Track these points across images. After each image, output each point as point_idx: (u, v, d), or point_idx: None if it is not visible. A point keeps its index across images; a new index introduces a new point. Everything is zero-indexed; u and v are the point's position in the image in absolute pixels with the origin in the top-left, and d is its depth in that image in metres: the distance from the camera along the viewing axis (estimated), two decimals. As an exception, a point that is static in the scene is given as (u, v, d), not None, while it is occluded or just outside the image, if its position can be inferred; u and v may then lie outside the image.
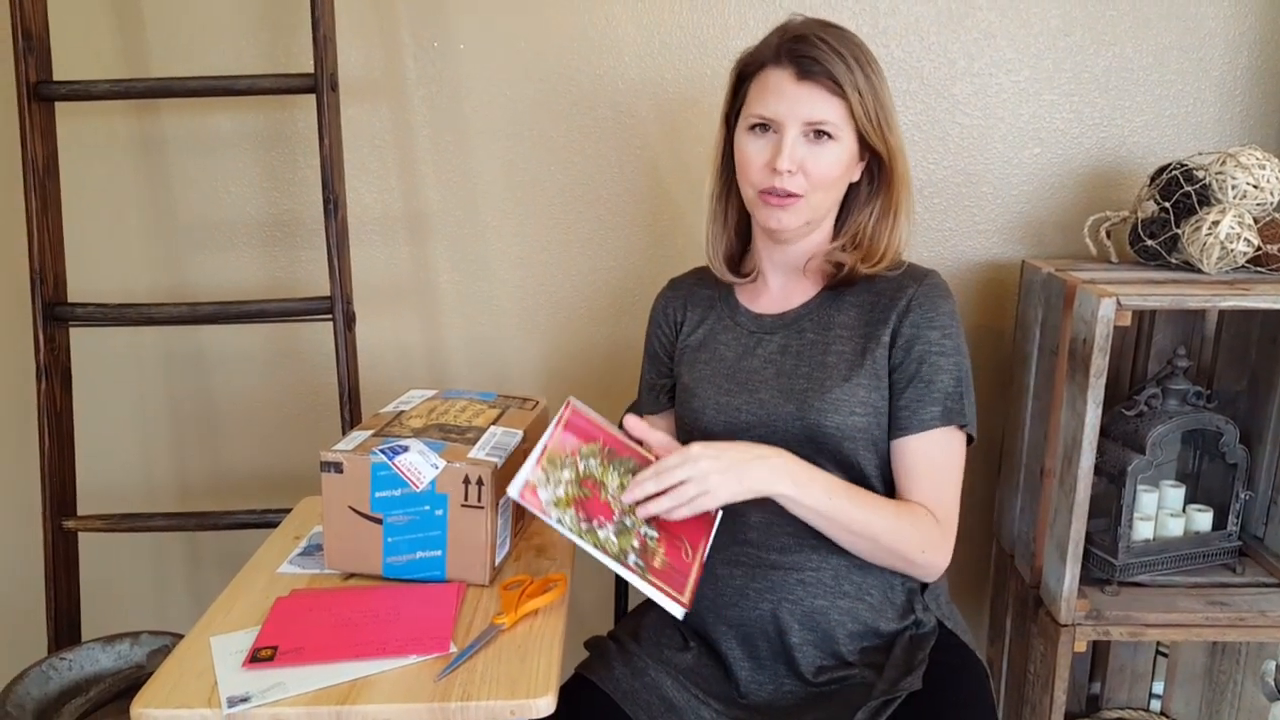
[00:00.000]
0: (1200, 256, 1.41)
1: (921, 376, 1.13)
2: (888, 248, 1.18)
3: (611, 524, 0.99)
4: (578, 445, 1.02)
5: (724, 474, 1.00)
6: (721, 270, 1.25)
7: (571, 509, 0.97)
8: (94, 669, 1.47)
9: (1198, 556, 1.52)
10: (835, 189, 1.15)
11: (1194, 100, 1.62)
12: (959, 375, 1.14)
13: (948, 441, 1.14)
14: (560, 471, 0.99)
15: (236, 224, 1.69)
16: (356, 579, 1.16)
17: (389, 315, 1.73)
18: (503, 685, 0.95)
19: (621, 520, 1.00)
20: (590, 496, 0.99)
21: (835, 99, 1.09)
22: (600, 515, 0.98)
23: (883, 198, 1.18)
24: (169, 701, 0.92)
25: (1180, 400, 1.48)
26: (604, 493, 1.00)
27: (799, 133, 1.10)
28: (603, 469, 1.02)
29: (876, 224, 1.18)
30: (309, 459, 1.77)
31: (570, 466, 1.00)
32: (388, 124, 1.65)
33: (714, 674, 1.16)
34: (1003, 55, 1.61)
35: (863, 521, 1.08)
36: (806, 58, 1.09)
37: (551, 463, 0.98)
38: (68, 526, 1.58)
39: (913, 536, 1.10)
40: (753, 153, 1.13)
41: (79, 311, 1.56)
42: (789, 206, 1.12)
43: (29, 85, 1.47)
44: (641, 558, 0.98)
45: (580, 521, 0.97)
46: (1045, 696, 1.48)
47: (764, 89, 1.12)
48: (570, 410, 1.05)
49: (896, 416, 1.14)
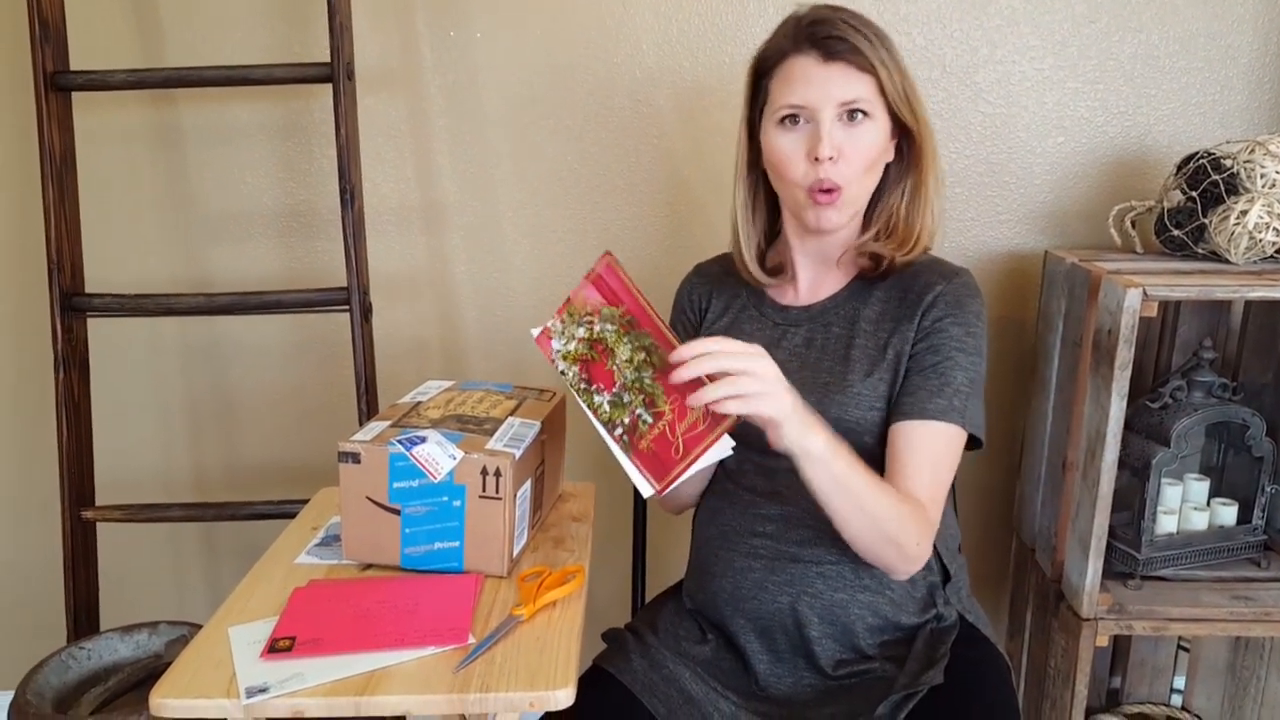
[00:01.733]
0: (1228, 246, 1.39)
1: (936, 369, 1.10)
2: (921, 231, 1.15)
3: (609, 394, 0.96)
4: (600, 304, 0.98)
5: (781, 384, 0.94)
6: (756, 273, 1.21)
7: (576, 366, 0.95)
8: (112, 658, 1.48)
9: (1222, 551, 1.50)
10: (873, 172, 1.12)
11: (1221, 87, 1.59)
12: (973, 377, 1.12)
13: (946, 436, 1.10)
14: (576, 327, 0.97)
15: (253, 214, 1.69)
16: (374, 570, 1.15)
17: (404, 306, 1.72)
18: (522, 677, 0.94)
19: (619, 394, 0.97)
20: (597, 360, 0.97)
21: (865, 75, 1.07)
22: (601, 382, 0.96)
23: (912, 176, 1.15)
24: (188, 691, 0.92)
25: (1206, 392, 1.46)
26: (611, 360, 0.97)
27: (834, 115, 1.07)
28: (617, 336, 0.98)
29: (908, 205, 1.16)
30: (325, 450, 1.77)
31: (586, 324, 0.97)
32: (403, 114, 1.64)
33: (732, 667, 1.15)
34: (1026, 42, 1.59)
35: (872, 498, 1.01)
36: (830, 38, 1.06)
37: (571, 315, 0.96)
38: (86, 516, 1.58)
39: (910, 525, 1.04)
40: (789, 148, 1.10)
41: (96, 302, 1.56)
42: (836, 203, 1.09)
43: (46, 75, 1.47)
44: (629, 434, 0.96)
45: (580, 380, 0.95)
46: (1066, 691, 1.47)
47: (789, 78, 1.09)
48: (604, 265, 0.99)
49: (902, 401, 1.10)
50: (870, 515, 1.02)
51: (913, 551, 1.06)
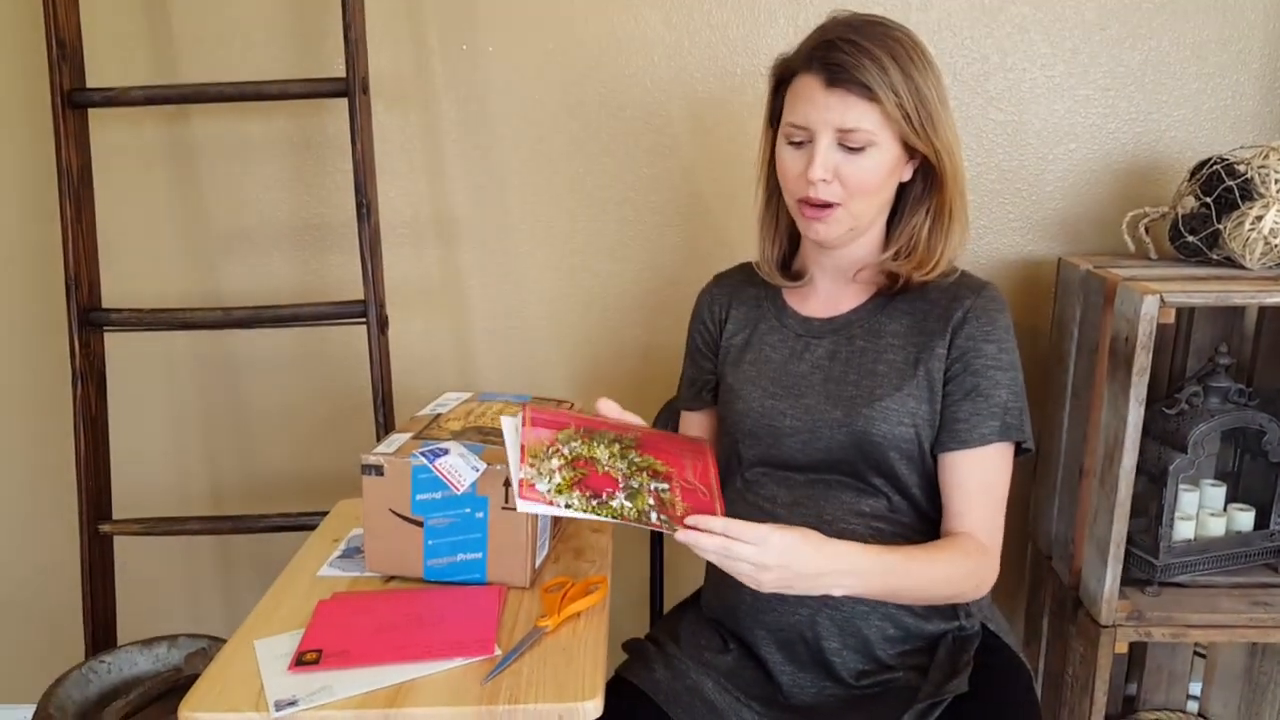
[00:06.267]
0: (1243, 252, 1.39)
1: (980, 391, 1.10)
2: (942, 254, 1.14)
3: (620, 491, 0.97)
4: (552, 435, 1.00)
5: (780, 584, 0.96)
6: (773, 276, 1.22)
7: (575, 491, 0.96)
8: (133, 671, 1.48)
9: (1239, 556, 1.50)
10: (879, 195, 1.11)
11: (1233, 94, 1.60)
12: (1016, 390, 1.12)
13: (1001, 458, 1.12)
14: (548, 462, 0.97)
15: (267, 229, 1.70)
16: (397, 582, 1.16)
17: (417, 318, 1.73)
18: (550, 688, 0.94)
19: (629, 485, 0.98)
20: (588, 474, 0.98)
21: (867, 104, 1.05)
22: (606, 487, 0.97)
23: (935, 199, 1.14)
24: (217, 705, 0.92)
25: (1222, 398, 1.45)
26: (599, 466, 0.99)
27: (831, 141, 1.07)
28: (587, 446, 1.01)
29: (930, 229, 1.14)
30: (340, 463, 1.78)
31: (556, 455, 0.99)
32: (416, 128, 1.65)
33: (755, 676, 1.15)
34: (1037, 50, 1.59)
35: (921, 591, 1.07)
36: (833, 64, 1.05)
37: (535, 457, 0.97)
38: (104, 530, 1.59)
39: (965, 579, 1.08)
40: (789, 162, 1.11)
41: (114, 317, 1.56)
42: (825, 218, 1.10)
43: (63, 93, 1.48)
44: (663, 511, 0.97)
45: (589, 499, 0.96)
46: (1085, 698, 1.47)
47: (796, 96, 1.09)
48: (530, 410, 1.03)
49: (952, 429, 1.11)
50: (925, 595, 1.08)
51: (972, 594, 1.11)
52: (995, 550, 1.12)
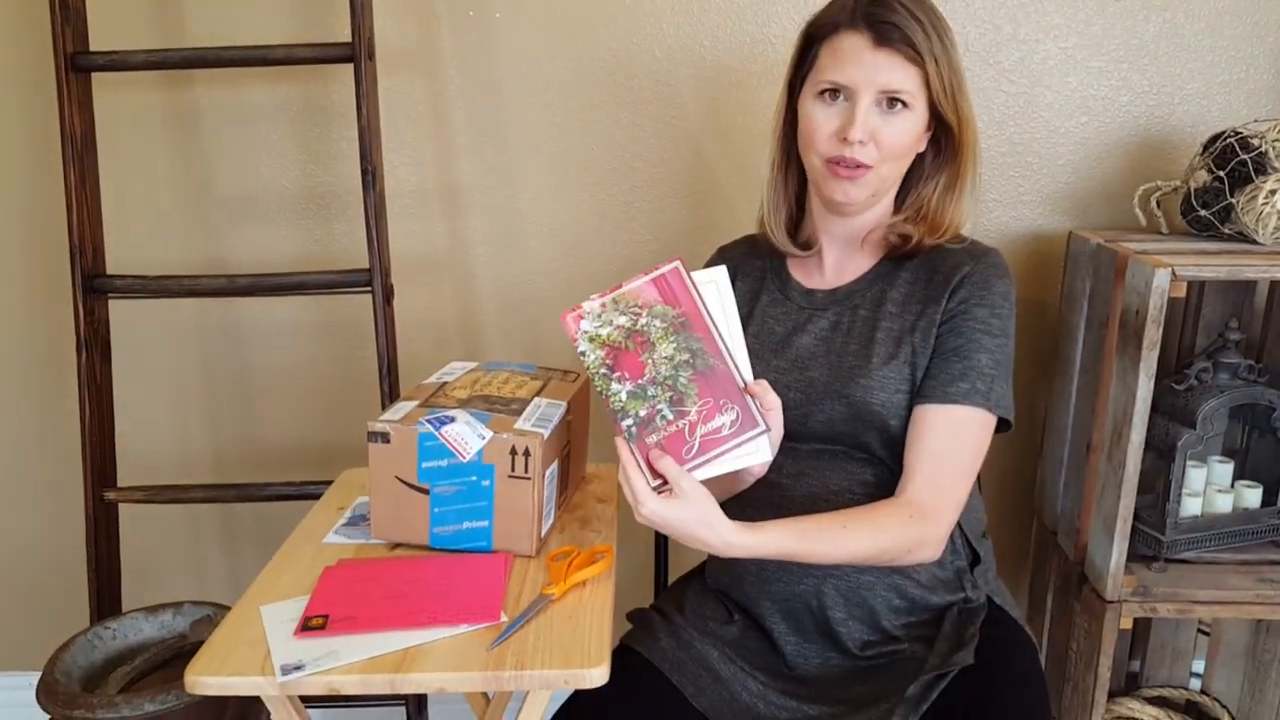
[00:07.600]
0: (1255, 226, 1.38)
1: (960, 351, 1.09)
2: (952, 219, 1.15)
3: (631, 383, 0.96)
4: (655, 301, 0.98)
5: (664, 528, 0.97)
6: (783, 240, 1.21)
7: (602, 351, 0.95)
8: (138, 638, 1.49)
9: (1246, 533, 1.50)
10: (905, 159, 1.12)
11: (1247, 66, 1.58)
12: (999, 358, 1.10)
13: (965, 424, 1.09)
14: (618, 315, 0.96)
15: (271, 196, 1.69)
16: (402, 549, 1.16)
17: (422, 288, 1.72)
18: (556, 655, 0.94)
19: (644, 387, 0.97)
20: (631, 350, 0.96)
21: (913, 67, 1.05)
22: (627, 370, 0.96)
23: (950, 169, 1.14)
24: (223, 669, 0.92)
25: (1231, 374, 1.45)
26: (648, 354, 0.97)
27: (872, 101, 1.06)
28: (664, 333, 0.98)
29: (941, 196, 1.15)
30: (345, 432, 1.78)
31: (631, 315, 0.97)
32: (422, 95, 1.64)
33: (760, 646, 1.15)
34: (1050, 21, 1.57)
35: (831, 554, 1.02)
36: (886, 23, 1.04)
37: (616, 302, 0.96)
38: (109, 498, 1.59)
39: (891, 546, 1.04)
40: (821, 120, 1.09)
41: (118, 284, 1.56)
42: (858, 179, 1.09)
43: (67, 56, 1.47)
44: (638, 427, 0.96)
45: (603, 365, 0.95)
46: (1089, 674, 1.47)
47: (837, 54, 1.08)
48: (671, 269, 0.99)
49: (925, 383, 1.10)
50: (843, 561, 1.04)
51: (906, 560, 1.06)
52: (939, 517, 1.06)
